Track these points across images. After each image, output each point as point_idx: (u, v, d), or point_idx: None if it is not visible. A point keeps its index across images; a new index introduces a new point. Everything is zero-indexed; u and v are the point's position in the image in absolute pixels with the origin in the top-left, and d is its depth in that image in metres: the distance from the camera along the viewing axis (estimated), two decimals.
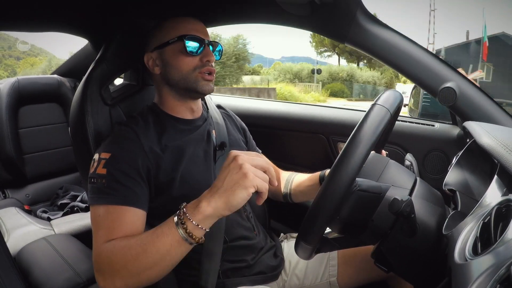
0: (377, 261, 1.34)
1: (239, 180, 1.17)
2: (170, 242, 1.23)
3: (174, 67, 1.59)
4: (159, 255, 1.24)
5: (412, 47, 1.82)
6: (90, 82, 1.65)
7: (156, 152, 1.51)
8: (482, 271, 0.76)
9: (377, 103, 1.20)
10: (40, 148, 3.50)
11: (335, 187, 1.13)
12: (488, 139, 1.25)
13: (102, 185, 1.39)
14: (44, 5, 1.66)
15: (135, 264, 1.25)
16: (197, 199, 1.24)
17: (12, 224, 2.70)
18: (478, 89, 1.80)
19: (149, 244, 1.24)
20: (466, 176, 1.43)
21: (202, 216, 1.19)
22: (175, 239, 1.22)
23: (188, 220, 1.20)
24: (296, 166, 2.41)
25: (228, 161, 1.21)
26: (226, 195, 1.18)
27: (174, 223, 1.23)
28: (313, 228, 1.19)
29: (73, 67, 3.57)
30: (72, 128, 1.70)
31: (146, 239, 1.26)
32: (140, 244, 1.26)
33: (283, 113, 2.69)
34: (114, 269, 1.28)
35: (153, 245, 1.24)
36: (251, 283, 1.65)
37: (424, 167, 2.20)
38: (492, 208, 0.96)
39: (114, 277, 1.28)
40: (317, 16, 1.83)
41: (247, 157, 1.21)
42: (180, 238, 1.22)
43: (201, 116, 1.76)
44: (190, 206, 1.23)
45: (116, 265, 1.27)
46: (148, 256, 1.24)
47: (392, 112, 1.20)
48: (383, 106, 1.19)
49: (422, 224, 1.22)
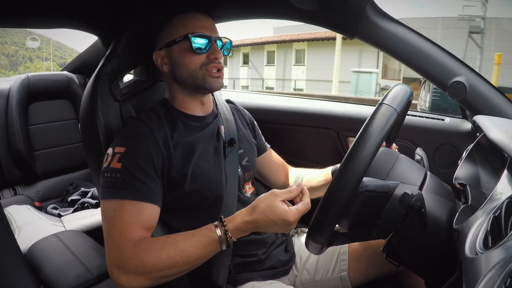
0: (387, 256, 1.34)
1: (282, 230, 1.41)
2: (205, 243, 1.35)
3: (182, 65, 1.59)
4: (193, 258, 1.34)
5: (422, 42, 1.81)
6: (100, 79, 1.65)
7: (168, 148, 1.51)
8: (493, 264, 0.75)
9: (384, 102, 1.20)
10: (50, 145, 3.51)
11: (340, 190, 1.14)
12: (498, 133, 1.24)
13: (116, 180, 1.40)
14: (54, 2, 1.67)
15: (170, 268, 1.32)
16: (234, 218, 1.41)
17: (22, 220, 2.71)
18: (488, 83, 1.79)
19: (186, 248, 1.33)
20: (476, 170, 1.43)
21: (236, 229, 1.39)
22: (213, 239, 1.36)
23: (225, 226, 1.37)
24: (306, 161, 2.41)
25: (278, 218, 1.35)
26: (262, 229, 1.41)
27: (214, 225, 1.38)
28: (320, 229, 1.21)
29: (83, 64, 3.57)
30: (82, 125, 1.71)
31: (183, 244, 1.34)
32: (177, 248, 1.33)
33: (292, 108, 2.68)
34: (144, 270, 1.31)
35: (190, 249, 1.34)
36: (262, 278, 1.66)
37: (434, 161, 2.19)
38: (502, 202, 0.95)
39: (142, 276, 1.31)
40: (326, 10, 1.82)
41: (298, 216, 1.37)
42: (217, 240, 1.36)
43: (212, 112, 1.76)
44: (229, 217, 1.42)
45: (148, 267, 1.30)
46: (184, 261, 1.33)
47: (399, 111, 1.19)
48: (389, 105, 1.18)
49: (432, 218, 1.22)
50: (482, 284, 0.73)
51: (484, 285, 0.73)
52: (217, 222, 1.37)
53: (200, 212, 1.57)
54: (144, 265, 1.29)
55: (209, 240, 1.34)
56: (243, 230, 1.37)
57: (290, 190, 1.41)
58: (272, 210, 1.33)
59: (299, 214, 1.35)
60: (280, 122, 2.69)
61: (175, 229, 1.58)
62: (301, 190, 1.43)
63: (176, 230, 1.53)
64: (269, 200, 1.36)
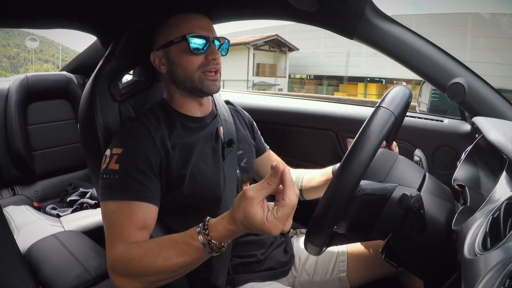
0: (386, 257, 1.34)
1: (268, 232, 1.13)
2: (190, 252, 1.24)
3: (180, 66, 1.59)
4: (179, 266, 1.27)
5: (421, 43, 1.81)
6: (99, 79, 1.65)
7: (166, 149, 1.51)
8: (491, 266, 0.76)
9: (382, 105, 1.19)
10: (49, 145, 3.52)
11: (337, 194, 1.14)
12: (497, 134, 1.25)
13: (115, 181, 1.40)
14: (53, 2, 1.67)
15: (155, 275, 1.28)
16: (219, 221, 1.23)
17: (21, 221, 2.71)
18: (487, 85, 1.79)
19: (169, 257, 1.26)
20: (475, 172, 1.43)
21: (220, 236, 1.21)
22: (197, 248, 1.23)
23: (209, 235, 1.21)
24: (305, 162, 2.42)
25: (258, 228, 1.14)
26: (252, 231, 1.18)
27: (197, 232, 1.23)
28: (318, 232, 1.20)
29: (82, 64, 3.58)
30: (81, 125, 1.71)
31: (166, 252, 1.27)
32: (158, 256, 1.27)
33: (292, 109, 2.69)
34: (131, 274, 1.30)
35: (173, 258, 1.26)
36: (261, 279, 1.66)
37: (433, 162, 2.19)
38: (501, 203, 0.96)
39: (134, 279, 1.31)
40: (325, 11, 1.82)
41: (279, 226, 1.12)
42: (202, 248, 1.22)
43: (211, 113, 1.76)
44: (212, 223, 1.24)
45: (133, 272, 1.29)
46: (168, 269, 1.26)
47: (397, 114, 1.18)
48: (387, 109, 1.17)
49: (431, 219, 1.22)
50: (481, 286, 0.73)
51: (483, 286, 0.73)
52: (200, 228, 1.23)
53: (199, 213, 1.55)
54: (129, 270, 1.29)
55: (193, 249, 1.23)
56: (228, 236, 1.24)
57: (268, 183, 1.13)
58: (249, 220, 1.13)
59: (281, 223, 1.12)
60: (279, 123, 2.69)
61: (173, 230, 1.58)
62: (280, 177, 1.13)
63: (174, 230, 1.52)
64: (243, 207, 1.14)
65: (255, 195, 1.13)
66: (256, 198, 1.12)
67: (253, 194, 1.13)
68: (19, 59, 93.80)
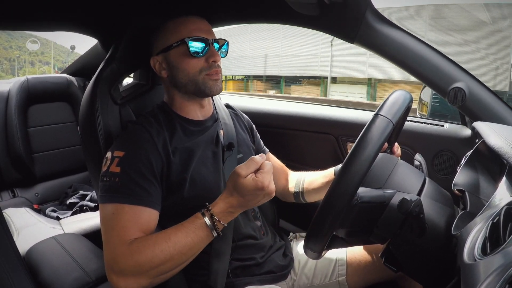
0: (386, 261, 1.34)
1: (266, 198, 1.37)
2: (194, 229, 1.35)
3: (181, 70, 1.59)
4: (187, 248, 1.34)
5: (422, 47, 1.81)
6: (99, 82, 1.65)
7: (167, 153, 1.51)
8: (491, 271, 0.75)
9: (380, 113, 1.18)
10: (49, 147, 3.52)
11: (335, 203, 1.14)
12: (497, 139, 1.24)
13: (115, 184, 1.39)
14: (54, 4, 1.67)
15: (166, 263, 1.31)
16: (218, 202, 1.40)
17: (21, 223, 2.71)
18: (488, 90, 1.79)
19: (178, 239, 1.33)
20: (475, 177, 1.43)
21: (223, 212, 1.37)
22: (201, 225, 1.35)
23: (211, 210, 1.36)
24: (305, 166, 2.41)
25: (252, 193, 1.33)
26: (248, 205, 1.39)
27: (200, 213, 1.37)
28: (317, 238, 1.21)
29: (82, 67, 3.58)
30: (81, 127, 1.70)
31: (175, 236, 1.34)
32: (169, 241, 1.33)
33: (292, 113, 2.69)
34: (141, 269, 1.30)
35: (182, 239, 1.33)
36: (260, 282, 1.65)
37: (433, 167, 2.19)
38: (501, 208, 0.95)
39: (140, 277, 1.31)
40: (326, 16, 1.82)
41: (268, 178, 1.34)
42: (205, 224, 1.35)
43: (211, 116, 1.76)
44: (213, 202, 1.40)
45: (144, 266, 1.29)
46: (178, 252, 1.32)
47: (395, 122, 1.18)
48: (385, 117, 1.17)
49: (431, 224, 1.22)
50: None
51: None
52: (204, 210, 1.38)
53: None
54: (140, 264, 1.29)
55: (198, 226, 1.34)
56: (229, 211, 1.37)
57: (253, 161, 1.36)
58: (242, 186, 1.32)
59: (268, 174, 1.34)
60: (279, 126, 2.69)
61: None
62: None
63: None
64: (234, 181, 1.34)
65: (244, 171, 1.33)
66: (244, 172, 1.33)
67: (241, 171, 1.33)
68: (20, 61, 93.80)
